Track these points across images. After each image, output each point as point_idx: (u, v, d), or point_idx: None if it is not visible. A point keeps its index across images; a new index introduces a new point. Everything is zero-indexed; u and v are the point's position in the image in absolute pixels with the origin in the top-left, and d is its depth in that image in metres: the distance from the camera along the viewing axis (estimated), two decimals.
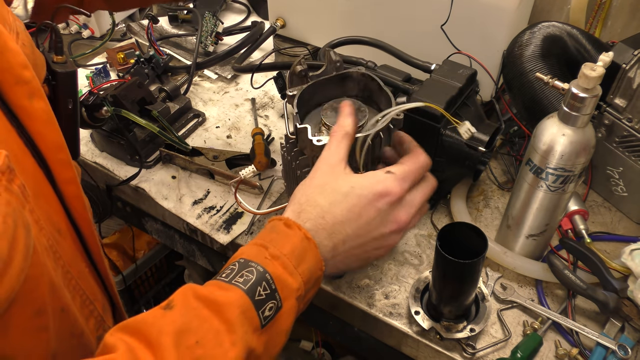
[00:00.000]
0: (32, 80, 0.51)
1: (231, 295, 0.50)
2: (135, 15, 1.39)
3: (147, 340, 0.46)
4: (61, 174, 0.55)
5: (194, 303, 0.49)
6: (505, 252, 0.84)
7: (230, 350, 0.47)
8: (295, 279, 0.53)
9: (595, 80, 0.65)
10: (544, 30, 0.90)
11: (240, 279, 0.51)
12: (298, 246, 0.55)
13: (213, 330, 0.47)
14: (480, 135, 0.84)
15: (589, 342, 0.75)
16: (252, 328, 0.49)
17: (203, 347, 0.46)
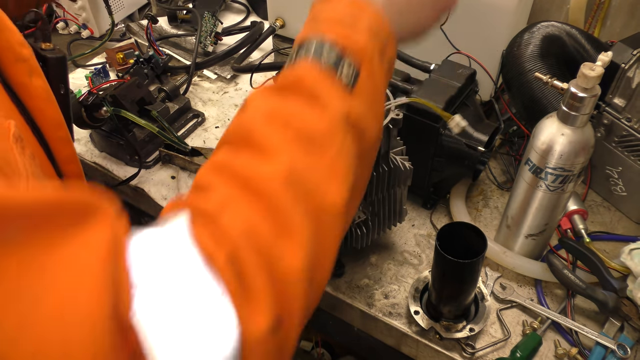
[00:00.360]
0: (30, 58, 0.51)
1: (299, 70, 0.46)
2: (135, 15, 1.39)
3: (244, 140, 0.43)
4: (61, 152, 0.55)
5: (269, 97, 0.46)
6: (504, 252, 0.84)
7: (323, 116, 0.44)
8: (360, 35, 0.48)
9: (594, 80, 0.65)
10: (543, 30, 0.90)
11: (302, 52, 0.47)
12: (348, 6, 0.49)
13: (298, 105, 0.44)
14: (479, 135, 0.84)
15: (588, 341, 0.75)
16: (338, 92, 0.45)
17: (294, 125, 0.43)
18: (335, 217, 0.43)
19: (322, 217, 0.42)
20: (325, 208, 0.42)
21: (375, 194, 0.76)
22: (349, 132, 0.45)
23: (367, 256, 0.87)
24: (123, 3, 1.32)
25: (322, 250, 0.42)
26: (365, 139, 0.48)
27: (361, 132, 0.47)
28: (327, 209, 0.42)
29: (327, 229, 0.42)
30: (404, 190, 0.80)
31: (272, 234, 0.39)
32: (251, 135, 0.43)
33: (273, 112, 0.44)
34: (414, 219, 0.92)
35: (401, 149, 0.77)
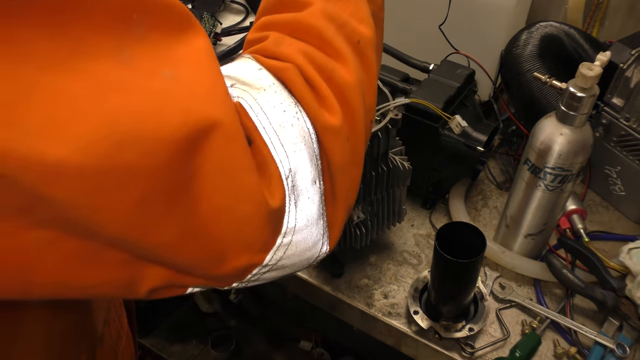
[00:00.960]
0: None
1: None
2: None
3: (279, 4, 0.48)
4: None
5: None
6: (503, 252, 0.84)
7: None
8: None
9: (592, 80, 0.65)
10: (541, 30, 0.90)
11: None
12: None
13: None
14: (478, 135, 0.84)
15: (587, 341, 0.75)
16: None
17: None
18: (369, 47, 0.47)
19: (360, 47, 0.46)
20: (360, 38, 0.47)
21: (375, 194, 0.76)
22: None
23: (366, 256, 0.87)
24: None
25: (366, 75, 0.47)
26: (379, 32, 0.53)
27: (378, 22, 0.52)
28: (361, 39, 0.47)
29: (366, 55, 0.47)
30: (403, 190, 0.80)
31: (325, 56, 0.44)
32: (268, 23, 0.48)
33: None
34: (413, 218, 0.92)
35: (400, 149, 0.77)
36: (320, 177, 0.43)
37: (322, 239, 0.45)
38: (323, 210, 0.44)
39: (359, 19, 0.47)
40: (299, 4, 0.47)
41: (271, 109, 0.41)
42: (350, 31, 0.46)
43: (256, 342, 1.65)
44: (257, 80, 0.42)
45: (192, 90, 0.34)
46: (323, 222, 0.45)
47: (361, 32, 0.47)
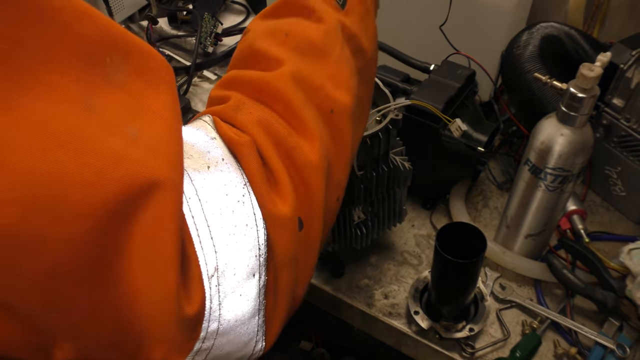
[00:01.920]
0: None
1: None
2: (135, 16, 1.39)
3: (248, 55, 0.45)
4: None
5: (264, 21, 0.47)
6: (504, 252, 0.84)
7: (321, 25, 0.45)
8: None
9: (593, 81, 0.65)
10: (542, 30, 0.90)
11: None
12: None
13: (292, 20, 0.46)
14: (478, 136, 0.84)
15: (587, 341, 0.75)
16: (331, 7, 0.47)
17: (294, 36, 0.44)
18: (344, 117, 0.44)
19: (332, 117, 0.43)
20: (334, 107, 0.43)
21: (375, 194, 0.76)
22: (346, 44, 0.46)
23: (367, 256, 0.87)
24: (123, 4, 1.32)
25: (336, 149, 0.44)
26: (362, 54, 0.48)
27: (357, 47, 0.48)
28: (335, 108, 0.43)
29: (338, 127, 0.44)
30: (404, 191, 0.80)
31: (288, 128, 0.40)
32: (254, 52, 0.44)
33: (272, 29, 0.46)
34: (414, 219, 0.92)
35: (401, 149, 0.77)
36: (263, 268, 0.38)
37: (257, 336, 0.40)
38: (261, 305, 0.39)
39: (337, 83, 0.44)
40: (270, 61, 0.43)
41: (209, 192, 0.36)
42: (323, 99, 0.43)
43: None
44: (205, 154, 0.38)
45: (148, 158, 0.31)
46: (259, 319, 0.39)
47: (337, 100, 0.43)
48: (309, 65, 0.44)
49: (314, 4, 0.46)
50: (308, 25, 0.45)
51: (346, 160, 0.46)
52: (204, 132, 0.40)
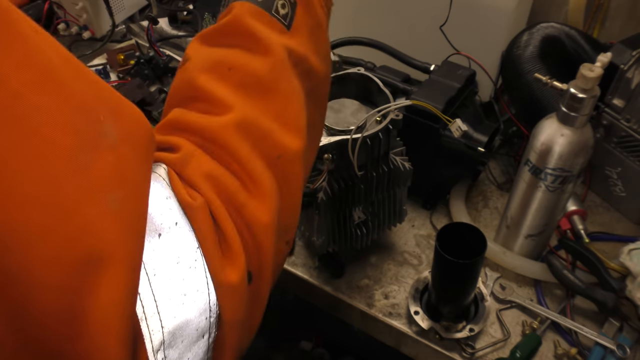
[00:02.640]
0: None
1: (234, 11, 0.44)
2: (135, 16, 1.39)
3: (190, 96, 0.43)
4: None
5: (205, 49, 0.44)
6: (504, 252, 0.84)
7: (266, 58, 0.42)
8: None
9: (593, 81, 0.65)
10: (542, 31, 0.90)
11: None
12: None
13: (237, 50, 0.43)
14: (479, 136, 0.84)
15: (587, 341, 0.75)
16: (275, 29, 0.44)
17: (238, 71, 0.42)
18: (294, 162, 0.42)
19: (281, 163, 0.42)
20: (283, 154, 0.42)
21: (375, 195, 0.76)
22: (294, 71, 0.44)
23: (367, 256, 0.87)
24: (124, 4, 1.32)
25: (287, 194, 0.42)
26: (312, 76, 0.46)
27: (307, 70, 0.46)
28: (284, 154, 0.42)
29: (288, 172, 0.42)
30: (404, 191, 0.80)
31: (236, 182, 0.39)
32: (196, 88, 0.42)
33: (214, 61, 0.43)
34: (414, 219, 0.92)
35: (401, 149, 0.77)
36: (214, 326, 0.38)
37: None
38: (210, 357, 0.39)
39: (285, 124, 0.42)
40: (214, 102, 0.41)
41: (158, 264, 0.35)
42: (270, 147, 0.41)
43: (256, 342, 1.65)
44: (159, 216, 0.36)
45: (116, 234, 0.30)
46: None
47: (284, 144, 0.42)
48: (255, 105, 0.42)
49: (259, 33, 0.43)
50: (253, 59, 0.43)
51: (296, 202, 0.45)
52: (160, 188, 0.38)
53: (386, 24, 1.03)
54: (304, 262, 0.87)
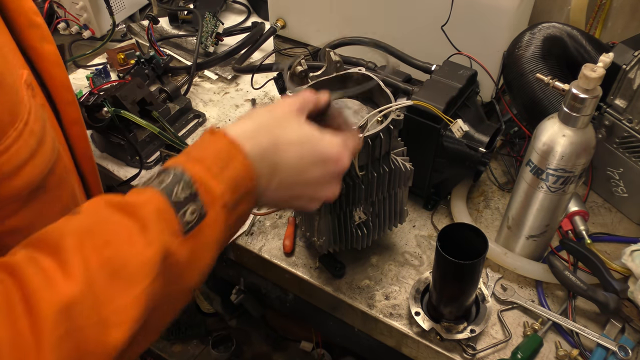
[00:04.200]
0: (42, 25, 0.56)
1: (145, 196, 0.45)
2: (136, 15, 1.39)
3: (48, 246, 0.42)
4: (68, 114, 0.59)
5: (104, 208, 0.45)
6: (505, 253, 0.84)
7: (145, 250, 0.42)
8: (219, 182, 0.47)
9: (595, 81, 0.65)
10: (544, 31, 0.90)
11: (157, 181, 0.47)
12: (223, 150, 0.49)
13: (125, 229, 0.43)
14: (480, 136, 0.84)
15: (589, 343, 0.75)
16: (171, 230, 0.45)
17: (113, 247, 0.42)
18: (103, 358, 0.41)
19: (88, 357, 0.40)
20: (96, 349, 0.40)
21: (376, 195, 0.76)
22: (163, 274, 0.44)
23: (367, 257, 0.87)
24: (124, 3, 1.32)
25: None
26: (179, 284, 0.46)
27: (176, 277, 0.46)
28: (97, 349, 0.40)
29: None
30: (405, 191, 0.80)
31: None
32: (59, 247, 0.41)
33: (98, 227, 0.43)
34: (415, 219, 0.92)
35: (402, 149, 0.77)
36: None
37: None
38: None
39: (120, 321, 0.41)
40: (62, 267, 0.40)
41: None
42: (82, 339, 0.39)
43: (257, 343, 1.65)
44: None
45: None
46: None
47: (105, 341, 0.40)
48: (103, 290, 0.41)
49: (152, 225, 0.44)
50: (132, 246, 0.43)
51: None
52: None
53: (387, 24, 1.03)
54: (305, 262, 0.86)
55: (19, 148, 0.44)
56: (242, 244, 0.90)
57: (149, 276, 0.42)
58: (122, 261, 0.42)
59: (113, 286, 0.41)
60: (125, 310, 0.41)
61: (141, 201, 0.45)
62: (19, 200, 0.46)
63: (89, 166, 0.63)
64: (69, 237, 0.42)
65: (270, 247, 0.89)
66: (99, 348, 0.40)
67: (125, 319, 0.41)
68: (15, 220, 0.47)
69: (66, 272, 0.40)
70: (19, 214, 0.47)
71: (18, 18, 0.54)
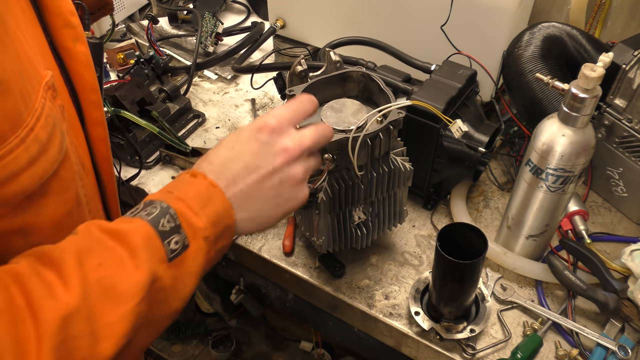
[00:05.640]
0: (77, 26, 0.57)
1: (134, 225, 0.49)
2: (135, 15, 1.39)
3: (50, 260, 0.45)
4: (91, 114, 0.59)
5: (97, 233, 0.48)
6: (505, 253, 0.84)
7: (134, 274, 0.46)
8: (201, 218, 0.52)
9: (595, 81, 0.65)
10: (543, 30, 0.90)
11: (144, 213, 0.51)
12: (203, 191, 0.54)
13: (116, 256, 0.47)
14: (480, 136, 0.84)
15: (589, 342, 0.75)
16: (158, 257, 0.49)
17: (105, 269, 0.46)
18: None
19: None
20: (88, 358, 0.43)
21: (376, 195, 0.76)
22: (147, 298, 0.47)
23: (367, 257, 0.87)
24: (124, 3, 1.32)
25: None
26: (161, 309, 0.50)
27: (159, 301, 0.49)
28: (88, 359, 0.43)
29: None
30: (405, 191, 0.80)
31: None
32: (60, 262, 0.45)
33: (93, 249, 0.47)
34: (415, 219, 0.92)
35: (402, 149, 0.77)
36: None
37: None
38: None
39: (110, 335, 0.44)
40: (62, 279, 0.44)
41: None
42: (76, 348, 0.43)
43: (257, 343, 1.65)
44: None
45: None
46: None
47: (96, 352, 0.44)
48: (97, 305, 0.44)
49: (141, 251, 0.47)
50: (122, 269, 0.46)
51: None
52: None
53: (387, 23, 1.03)
54: (304, 262, 0.86)
55: (17, 155, 0.44)
56: (242, 244, 0.90)
57: (136, 297, 0.46)
58: (113, 282, 0.46)
59: (105, 303, 0.45)
60: (114, 325, 0.45)
61: (130, 229, 0.49)
62: (8, 205, 0.46)
63: (106, 167, 0.64)
64: (68, 254, 0.45)
65: (270, 247, 0.89)
66: (91, 357, 0.43)
67: (114, 334, 0.45)
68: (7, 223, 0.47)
69: (66, 285, 0.43)
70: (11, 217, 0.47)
71: (55, 18, 0.54)
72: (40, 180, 0.47)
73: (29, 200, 0.47)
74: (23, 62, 0.46)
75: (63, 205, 0.52)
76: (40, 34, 0.53)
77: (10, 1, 0.47)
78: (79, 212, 0.55)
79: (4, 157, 0.43)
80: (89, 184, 0.59)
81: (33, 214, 0.48)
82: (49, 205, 0.50)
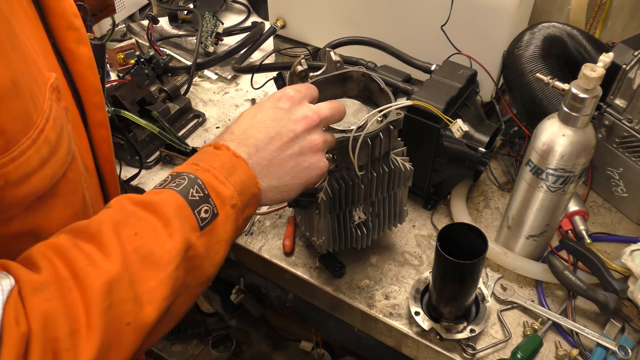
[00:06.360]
0: (80, 28, 0.57)
1: (165, 195, 0.51)
2: (136, 15, 1.39)
3: (88, 234, 0.47)
4: (94, 116, 0.60)
5: (129, 205, 0.50)
6: (505, 253, 0.84)
7: (169, 241, 0.48)
8: (227, 187, 0.53)
9: (595, 81, 0.65)
10: (544, 30, 0.90)
11: (173, 184, 0.52)
12: (227, 162, 0.55)
13: (150, 225, 0.49)
14: (480, 136, 0.84)
15: (589, 342, 0.75)
16: (190, 225, 0.50)
17: (142, 238, 0.47)
18: (138, 333, 0.46)
19: (126, 329, 0.45)
20: (132, 322, 0.45)
21: (376, 195, 0.76)
22: (183, 265, 0.49)
23: (367, 257, 0.87)
24: (124, 3, 1.32)
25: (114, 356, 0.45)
26: (196, 275, 0.52)
27: (194, 268, 0.51)
28: (134, 323, 0.45)
29: (126, 340, 0.45)
30: (405, 191, 0.80)
31: (68, 330, 0.42)
32: (98, 234, 0.47)
33: (126, 220, 0.49)
34: (415, 219, 0.92)
35: (402, 149, 0.77)
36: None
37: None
38: None
39: (150, 299, 0.46)
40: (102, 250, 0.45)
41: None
42: (126, 312, 0.45)
43: (257, 343, 1.65)
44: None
45: None
46: None
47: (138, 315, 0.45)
48: (138, 271, 0.46)
49: (174, 220, 0.49)
50: (158, 236, 0.48)
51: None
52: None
53: (387, 23, 1.03)
54: (305, 262, 0.86)
55: (29, 157, 0.44)
56: (242, 243, 0.90)
57: (173, 262, 0.48)
58: (150, 249, 0.47)
59: (144, 269, 0.47)
60: (155, 290, 0.47)
61: (161, 200, 0.50)
62: (20, 206, 0.47)
63: (109, 168, 0.64)
64: (105, 226, 0.47)
65: (270, 246, 0.89)
66: (137, 321, 0.45)
67: (155, 298, 0.47)
68: (19, 225, 0.48)
69: (106, 255, 0.45)
70: (22, 219, 0.47)
71: (58, 20, 0.54)
72: (51, 182, 0.48)
73: (40, 201, 0.48)
74: (29, 64, 0.46)
75: (71, 206, 0.52)
76: (44, 36, 0.53)
77: (13, 3, 0.47)
78: (85, 214, 0.55)
79: (17, 158, 0.43)
80: (92, 186, 0.60)
81: (43, 216, 0.49)
82: (57, 206, 0.50)
